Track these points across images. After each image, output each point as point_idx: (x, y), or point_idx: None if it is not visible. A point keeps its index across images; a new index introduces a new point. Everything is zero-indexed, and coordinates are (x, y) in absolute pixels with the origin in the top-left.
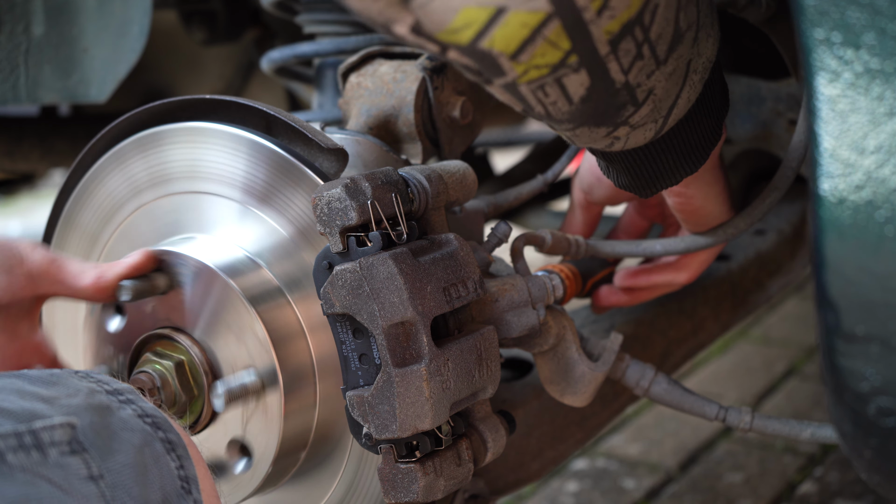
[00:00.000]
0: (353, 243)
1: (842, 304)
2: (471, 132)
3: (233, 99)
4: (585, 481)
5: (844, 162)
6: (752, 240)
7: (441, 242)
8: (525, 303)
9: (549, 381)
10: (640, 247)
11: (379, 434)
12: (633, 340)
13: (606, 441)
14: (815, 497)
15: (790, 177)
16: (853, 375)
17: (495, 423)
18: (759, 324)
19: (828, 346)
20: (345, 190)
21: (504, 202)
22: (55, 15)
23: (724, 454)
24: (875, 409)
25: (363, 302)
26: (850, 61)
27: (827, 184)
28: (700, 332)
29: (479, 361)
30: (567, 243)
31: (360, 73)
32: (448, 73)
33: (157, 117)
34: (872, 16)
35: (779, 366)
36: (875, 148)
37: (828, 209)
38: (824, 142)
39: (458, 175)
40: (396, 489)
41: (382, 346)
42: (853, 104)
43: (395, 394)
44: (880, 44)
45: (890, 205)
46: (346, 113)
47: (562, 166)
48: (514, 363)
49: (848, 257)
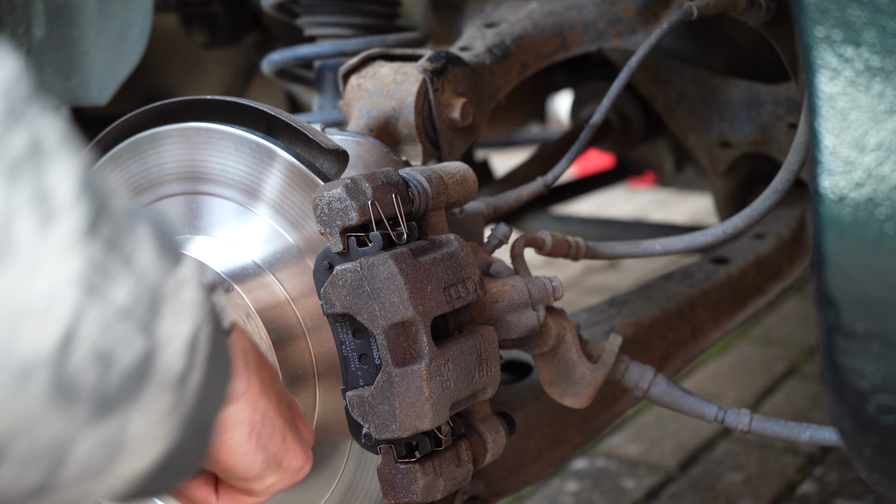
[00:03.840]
0: (354, 243)
1: (842, 302)
2: (471, 134)
3: (234, 100)
4: (585, 481)
5: (845, 159)
6: (752, 243)
7: (441, 243)
8: (525, 304)
9: (549, 383)
10: (640, 247)
11: (379, 434)
12: (632, 343)
13: (606, 441)
14: (815, 497)
15: (790, 179)
16: (853, 373)
17: (495, 424)
18: (759, 324)
19: (828, 343)
20: (345, 190)
21: (504, 204)
22: (56, 17)
23: (724, 454)
24: (875, 407)
25: (363, 302)
26: (851, 59)
27: (827, 181)
28: (699, 335)
29: (479, 362)
30: (567, 245)
31: (361, 75)
32: (448, 75)
33: (158, 118)
34: (873, 13)
35: (778, 366)
36: (875, 145)
37: (828, 206)
38: (825, 139)
39: (458, 176)
40: (396, 489)
41: (383, 345)
42: (854, 102)
43: (395, 394)
44: (881, 41)
45: (890, 202)
46: (346, 115)
47: (562, 169)
48: (514, 365)
49: (848, 254)
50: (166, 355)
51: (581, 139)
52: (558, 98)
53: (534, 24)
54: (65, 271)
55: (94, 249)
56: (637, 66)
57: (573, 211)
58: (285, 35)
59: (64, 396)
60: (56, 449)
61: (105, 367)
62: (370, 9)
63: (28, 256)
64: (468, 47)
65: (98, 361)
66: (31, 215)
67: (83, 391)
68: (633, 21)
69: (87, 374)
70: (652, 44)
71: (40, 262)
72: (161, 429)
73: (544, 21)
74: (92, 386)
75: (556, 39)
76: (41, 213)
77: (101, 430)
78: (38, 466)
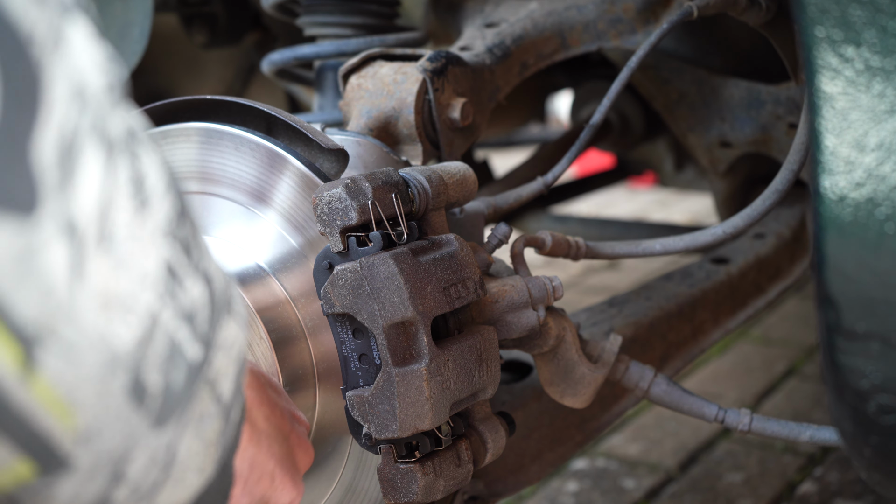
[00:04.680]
0: (354, 243)
1: (842, 302)
2: (471, 134)
3: (234, 99)
4: (585, 481)
5: (845, 159)
6: (752, 243)
7: (441, 243)
8: (525, 304)
9: (549, 383)
10: (640, 247)
11: (379, 434)
12: (632, 343)
13: (606, 441)
14: (814, 497)
15: (790, 179)
16: (854, 373)
17: (495, 424)
18: (759, 324)
19: (828, 343)
20: (345, 190)
21: (504, 204)
22: None
23: (724, 454)
24: (875, 407)
25: (363, 301)
26: (851, 59)
27: (827, 181)
28: (699, 335)
29: (479, 362)
30: (567, 245)
31: (361, 75)
32: (448, 75)
33: (158, 118)
34: (873, 13)
35: (779, 366)
36: (876, 145)
37: (828, 206)
38: (825, 139)
39: (458, 176)
40: (396, 489)
41: (383, 345)
42: (854, 102)
43: (395, 393)
44: (881, 41)
45: (890, 202)
46: (346, 114)
47: (562, 169)
48: (514, 365)
49: (848, 254)
50: (217, 367)
51: (581, 139)
52: (558, 98)
53: (534, 24)
54: (151, 264)
55: (174, 246)
56: (637, 66)
57: (573, 211)
58: (285, 35)
59: (137, 397)
60: (118, 460)
61: (169, 370)
62: (370, 9)
63: (123, 244)
64: (468, 47)
65: (167, 363)
66: (130, 200)
67: (151, 393)
68: (633, 21)
69: (157, 376)
70: (652, 44)
71: (132, 252)
72: (204, 458)
73: (544, 21)
74: (159, 388)
75: (556, 39)
76: (138, 199)
77: (158, 440)
78: (99, 480)
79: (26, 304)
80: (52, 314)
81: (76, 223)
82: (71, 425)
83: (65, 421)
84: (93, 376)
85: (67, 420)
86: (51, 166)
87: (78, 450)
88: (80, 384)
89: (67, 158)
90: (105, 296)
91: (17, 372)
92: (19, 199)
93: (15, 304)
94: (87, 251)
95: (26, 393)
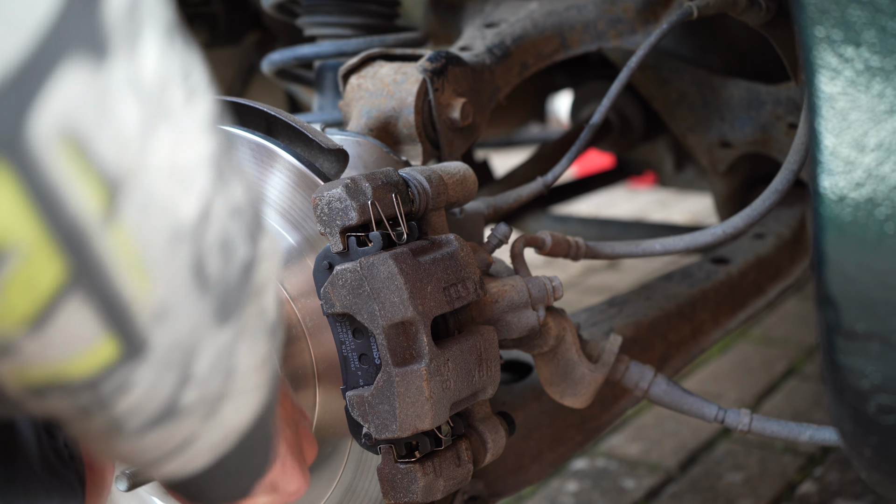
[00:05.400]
0: (354, 243)
1: (842, 302)
2: (471, 134)
3: (234, 99)
4: (585, 481)
5: (845, 159)
6: (752, 243)
7: (441, 243)
8: (525, 304)
9: (549, 383)
10: (640, 247)
11: (379, 434)
12: (632, 343)
13: (606, 441)
14: (815, 497)
15: (790, 179)
16: (853, 373)
17: (495, 424)
18: (759, 324)
19: (828, 343)
20: (345, 190)
21: (504, 204)
22: None
23: (724, 454)
24: (875, 407)
25: (363, 301)
26: (851, 59)
27: (827, 181)
28: (699, 335)
29: (479, 362)
30: (567, 245)
31: (361, 75)
32: (448, 75)
33: None
34: (873, 13)
35: (778, 366)
36: (875, 145)
37: (828, 207)
38: (825, 139)
39: (458, 176)
40: (396, 489)
41: (383, 345)
42: (854, 102)
43: (395, 393)
44: (881, 41)
45: (890, 202)
46: (346, 115)
47: (562, 169)
48: (514, 365)
49: (848, 254)
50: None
51: (581, 139)
52: (558, 98)
53: (534, 24)
54: (204, 148)
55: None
56: (637, 66)
57: (573, 211)
58: (285, 35)
59: (199, 278)
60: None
61: (225, 260)
62: (370, 9)
63: (180, 122)
64: (468, 47)
65: (222, 251)
66: (181, 86)
67: (212, 278)
68: (633, 21)
69: (215, 260)
70: (652, 44)
71: (188, 132)
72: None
73: (544, 21)
74: (218, 276)
75: (556, 39)
76: (187, 87)
77: (221, 338)
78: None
79: (108, 148)
80: (129, 165)
81: (143, 85)
82: (147, 291)
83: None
84: (163, 240)
85: (144, 283)
86: (120, 23)
87: (154, 329)
88: (153, 243)
89: (133, 20)
90: (171, 165)
91: (103, 214)
92: (95, 45)
93: (100, 144)
94: (154, 115)
95: (110, 239)
